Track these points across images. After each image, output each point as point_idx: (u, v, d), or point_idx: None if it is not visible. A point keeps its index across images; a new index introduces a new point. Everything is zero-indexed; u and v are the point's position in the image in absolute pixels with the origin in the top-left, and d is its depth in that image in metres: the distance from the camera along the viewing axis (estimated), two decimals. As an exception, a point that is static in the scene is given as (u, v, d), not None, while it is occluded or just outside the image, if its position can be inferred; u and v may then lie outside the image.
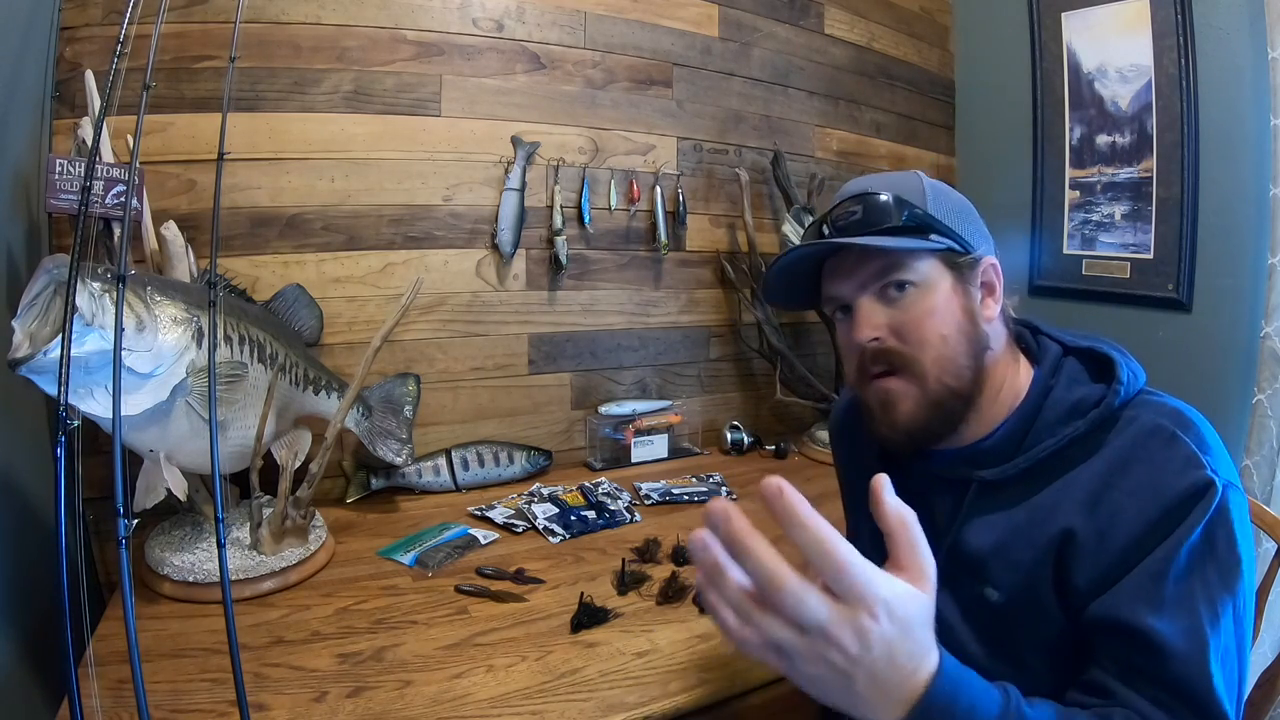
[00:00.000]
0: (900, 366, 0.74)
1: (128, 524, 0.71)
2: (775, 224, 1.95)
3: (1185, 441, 0.66)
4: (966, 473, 0.76)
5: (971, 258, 0.75)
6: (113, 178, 1.04)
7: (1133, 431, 0.68)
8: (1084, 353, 0.76)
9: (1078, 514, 0.67)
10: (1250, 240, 1.59)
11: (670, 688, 0.88)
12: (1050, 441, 0.71)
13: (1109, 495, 0.66)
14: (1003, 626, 0.72)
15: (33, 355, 0.82)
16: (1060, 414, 0.72)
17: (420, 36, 1.51)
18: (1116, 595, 0.64)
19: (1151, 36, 1.76)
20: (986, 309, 0.75)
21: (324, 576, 1.15)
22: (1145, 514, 0.64)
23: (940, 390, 0.73)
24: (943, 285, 0.73)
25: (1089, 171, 1.94)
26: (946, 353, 0.73)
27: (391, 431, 1.40)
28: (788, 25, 1.98)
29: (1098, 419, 0.69)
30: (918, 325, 0.73)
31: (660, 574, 1.15)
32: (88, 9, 1.26)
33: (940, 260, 0.74)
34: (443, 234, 1.56)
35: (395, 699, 0.85)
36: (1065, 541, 0.68)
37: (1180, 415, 0.69)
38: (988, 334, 0.75)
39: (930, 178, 0.78)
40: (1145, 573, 0.63)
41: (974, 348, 0.74)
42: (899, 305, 0.73)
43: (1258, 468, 1.51)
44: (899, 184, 0.76)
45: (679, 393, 1.87)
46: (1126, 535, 0.64)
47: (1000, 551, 0.72)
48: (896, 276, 0.73)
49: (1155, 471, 0.65)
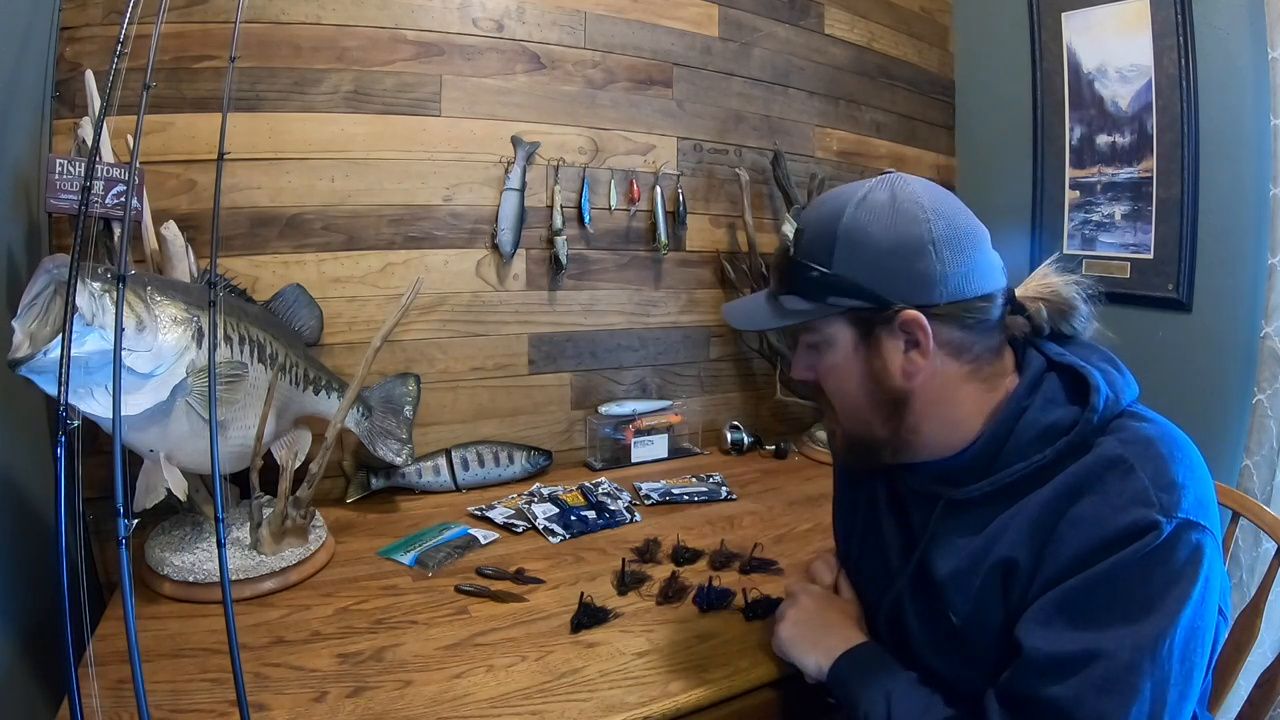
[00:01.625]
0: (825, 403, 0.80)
1: (128, 524, 0.71)
2: (775, 224, 1.95)
3: (1140, 477, 0.63)
4: (937, 489, 0.76)
5: (891, 311, 0.70)
6: (113, 178, 1.04)
7: (1091, 459, 0.66)
8: (1066, 369, 0.73)
9: (1021, 542, 0.67)
10: (1250, 240, 1.59)
11: (670, 688, 0.88)
12: (1019, 466, 0.70)
13: (1053, 523, 0.65)
14: (965, 647, 0.72)
15: (33, 355, 0.82)
16: (1031, 438, 0.70)
17: (420, 36, 1.51)
18: (1025, 617, 0.65)
19: (1151, 36, 1.76)
20: (910, 363, 0.71)
21: (324, 576, 1.15)
22: (1080, 545, 0.63)
23: (852, 435, 0.78)
24: (843, 344, 0.74)
25: (1089, 171, 1.94)
26: (848, 407, 0.77)
27: (391, 431, 1.40)
28: (788, 25, 1.98)
29: (1064, 448, 0.67)
30: (825, 379, 0.77)
31: (660, 574, 1.15)
32: (88, 9, 1.26)
33: (845, 319, 0.73)
34: (443, 234, 1.56)
35: (395, 699, 0.85)
36: (1007, 571, 0.68)
37: (1149, 446, 0.65)
38: (904, 389, 0.72)
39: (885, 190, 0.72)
40: (1051, 598, 0.63)
41: (878, 403, 0.74)
42: (816, 355, 0.77)
43: (1258, 468, 1.51)
44: (821, 223, 0.73)
45: (679, 393, 1.87)
46: (1057, 565, 0.64)
47: (958, 578, 0.72)
48: (803, 336, 0.78)
49: (1101, 504, 0.63)
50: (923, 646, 0.78)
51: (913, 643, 0.79)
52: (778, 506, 1.49)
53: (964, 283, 0.70)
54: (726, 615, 1.05)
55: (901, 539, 0.83)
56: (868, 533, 0.90)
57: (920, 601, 0.78)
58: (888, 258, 0.70)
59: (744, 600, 1.06)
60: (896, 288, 0.70)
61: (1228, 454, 1.59)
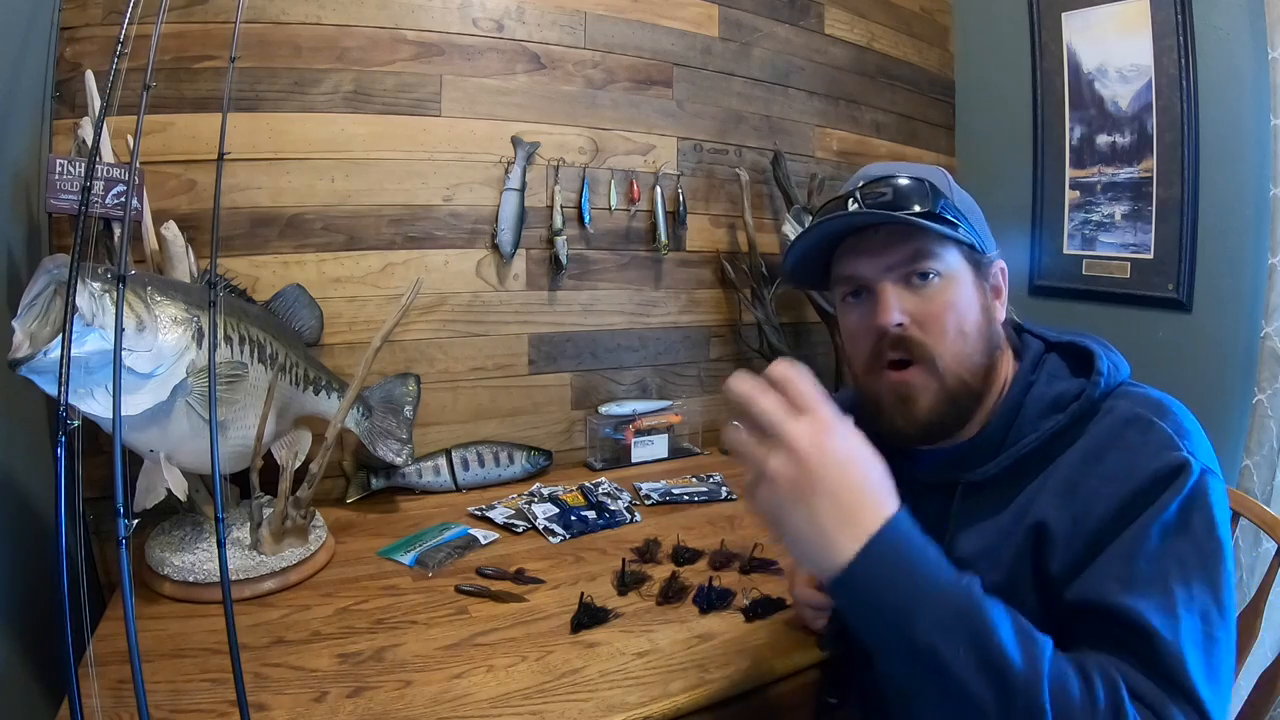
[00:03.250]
0: (919, 358, 0.71)
1: (128, 524, 0.71)
2: (775, 224, 1.95)
3: (1162, 427, 0.65)
4: (952, 476, 0.75)
5: (989, 257, 0.76)
6: (113, 178, 1.04)
7: (1109, 421, 0.68)
8: (1065, 347, 0.76)
9: (1051, 505, 0.67)
10: (1250, 240, 1.59)
11: (670, 688, 0.88)
12: (1031, 438, 0.70)
13: (1084, 483, 0.66)
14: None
15: (33, 355, 0.82)
16: (1041, 409, 0.72)
17: (420, 36, 1.51)
18: (1088, 577, 0.62)
19: (1151, 37, 1.76)
20: (997, 310, 0.76)
21: (324, 576, 1.15)
22: (1118, 495, 0.63)
23: (957, 385, 0.72)
24: (966, 279, 0.73)
25: (1089, 171, 1.94)
26: (965, 348, 0.72)
27: (391, 431, 1.40)
28: (788, 25, 1.98)
29: (1077, 411, 0.69)
30: (939, 316, 0.71)
31: (660, 574, 1.15)
32: (88, 9, 1.26)
33: (964, 255, 0.74)
34: (443, 234, 1.56)
35: (395, 699, 0.85)
36: (1039, 535, 0.67)
37: (1160, 404, 0.68)
38: (999, 334, 0.76)
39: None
40: (1115, 553, 0.61)
41: (988, 345, 0.74)
42: (923, 294, 0.72)
43: (1258, 468, 1.51)
44: (927, 174, 0.75)
45: (679, 393, 1.87)
46: (1099, 518, 0.63)
47: (986, 553, 0.71)
48: (925, 264, 0.71)
49: (1130, 456, 0.64)
50: None
51: None
52: (778, 506, 1.48)
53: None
54: (726, 615, 1.05)
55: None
56: None
57: None
58: (975, 211, 0.77)
59: (744, 600, 1.06)
60: (986, 238, 0.77)
61: (1228, 454, 1.59)
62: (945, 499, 0.76)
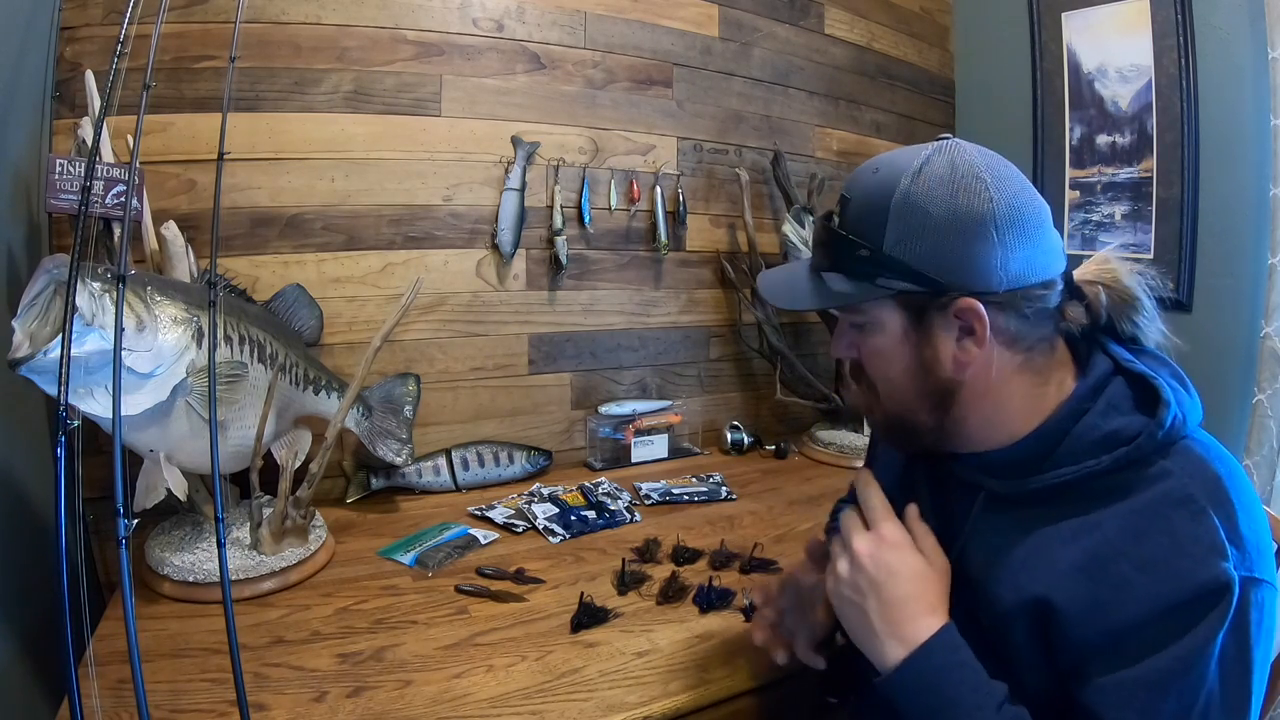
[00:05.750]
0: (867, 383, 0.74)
1: (128, 524, 0.71)
2: (775, 224, 1.95)
3: (1215, 524, 0.57)
4: (980, 480, 0.72)
5: (947, 297, 0.64)
6: (113, 178, 1.04)
7: (1157, 495, 0.60)
8: (1134, 377, 0.66)
9: (1070, 578, 0.61)
10: (1250, 240, 1.59)
11: (670, 688, 0.88)
12: (1068, 470, 0.64)
13: (1116, 565, 0.59)
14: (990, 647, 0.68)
15: (33, 355, 0.82)
16: (1089, 442, 0.64)
17: (420, 36, 1.51)
18: (1107, 690, 0.58)
19: (1151, 36, 1.76)
20: (964, 353, 0.65)
21: (324, 576, 1.15)
22: (1156, 598, 0.57)
23: (895, 417, 0.72)
24: (891, 329, 0.68)
25: (1089, 171, 1.94)
26: (892, 394, 0.71)
27: (391, 431, 1.40)
28: (788, 25, 1.98)
29: (1124, 458, 0.61)
30: (868, 361, 0.72)
31: (660, 574, 1.15)
32: (88, 9, 1.26)
33: (895, 302, 0.67)
34: (443, 234, 1.56)
35: (395, 699, 0.85)
36: (1043, 609, 0.62)
37: (1218, 484, 0.60)
38: (955, 380, 0.67)
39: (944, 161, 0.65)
40: (1143, 682, 0.57)
41: (925, 393, 0.68)
42: (860, 335, 0.72)
43: (1258, 468, 1.51)
44: (871, 195, 0.67)
45: (679, 393, 1.87)
46: (1131, 615, 0.58)
47: (988, 584, 0.67)
48: (849, 316, 0.72)
49: (1174, 551, 0.57)
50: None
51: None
52: (778, 506, 1.49)
53: (1026, 268, 0.64)
54: (726, 615, 1.05)
55: (939, 526, 0.74)
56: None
57: (954, 595, 0.71)
58: (945, 239, 0.63)
59: (744, 600, 1.06)
60: (953, 272, 0.63)
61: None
62: (970, 501, 0.72)
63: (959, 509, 0.74)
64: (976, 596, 0.68)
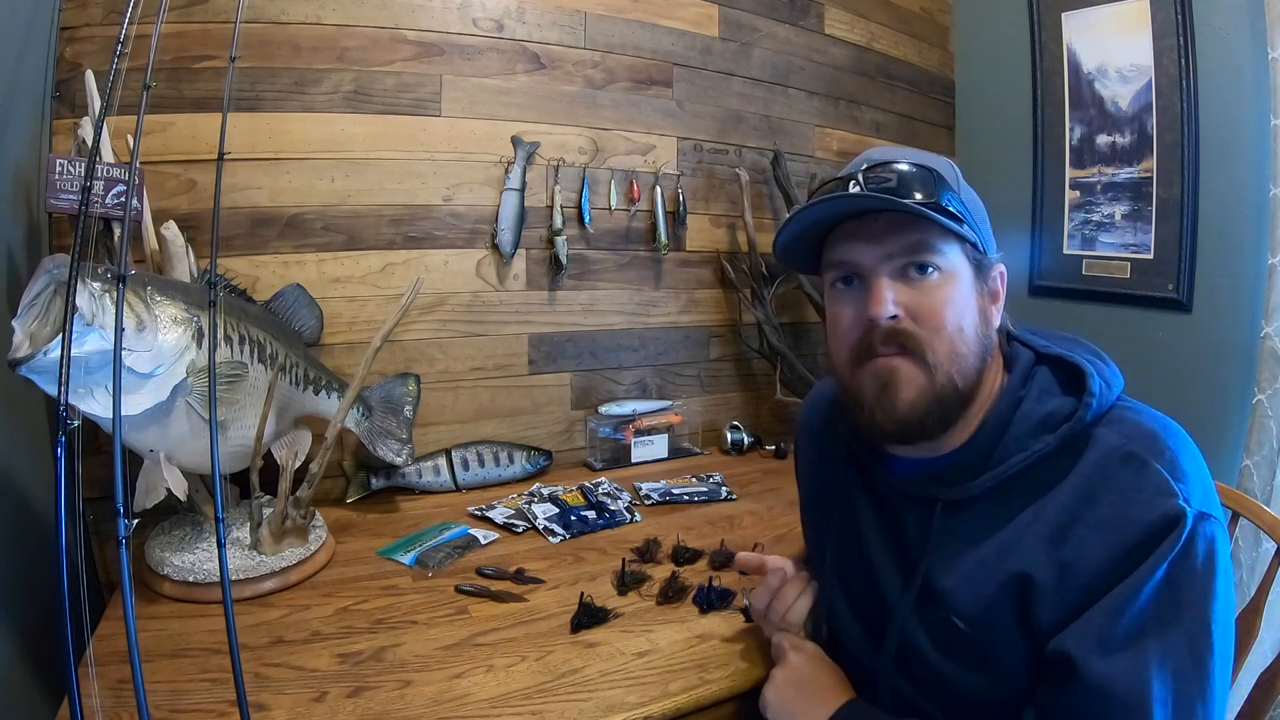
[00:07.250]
0: (911, 350, 0.68)
1: (128, 524, 0.71)
2: (775, 224, 1.95)
3: (1156, 469, 0.62)
4: (932, 491, 0.72)
5: (990, 259, 0.73)
6: (113, 178, 1.04)
7: (1101, 457, 0.64)
8: (1056, 361, 0.72)
9: (1039, 552, 0.64)
10: (1250, 240, 1.59)
11: (670, 688, 0.88)
12: (1019, 458, 0.67)
13: (1074, 528, 0.63)
14: (975, 649, 0.69)
15: (33, 355, 0.82)
16: (1029, 428, 0.68)
17: (420, 36, 1.51)
18: (1070, 632, 0.62)
19: (1151, 37, 1.76)
20: (993, 316, 0.73)
21: (324, 576, 1.15)
22: (1111, 547, 0.61)
23: (946, 385, 0.68)
24: (965, 278, 0.70)
25: (1089, 172, 1.94)
26: (959, 348, 0.68)
27: (391, 431, 1.40)
28: (788, 25, 1.98)
29: (1068, 435, 0.66)
30: (936, 312, 0.68)
31: (660, 574, 1.15)
32: (88, 9, 1.26)
33: (965, 253, 0.70)
34: (443, 234, 1.56)
35: (395, 699, 0.85)
36: (1023, 585, 0.65)
37: (1155, 438, 0.64)
38: (993, 340, 0.72)
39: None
40: (1101, 610, 0.60)
41: (982, 350, 0.70)
42: (919, 287, 0.68)
43: (1258, 468, 1.51)
44: (934, 163, 0.71)
45: (679, 393, 1.87)
46: (1091, 570, 0.62)
47: (967, 585, 0.69)
48: (925, 257, 0.68)
49: (1123, 502, 0.62)
50: (942, 665, 0.72)
51: (930, 663, 0.72)
52: (778, 506, 1.49)
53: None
54: (726, 615, 1.05)
55: (894, 552, 0.77)
56: (849, 552, 0.83)
57: (928, 614, 0.72)
58: (980, 210, 0.73)
59: (744, 600, 1.06)
60: (989, 239, 0.73)
61: (1228, 454, 1.59)
62: (926, 514, 0.73)
63: (914, 525, 0.74)
64: (951, 599, 0.70)
